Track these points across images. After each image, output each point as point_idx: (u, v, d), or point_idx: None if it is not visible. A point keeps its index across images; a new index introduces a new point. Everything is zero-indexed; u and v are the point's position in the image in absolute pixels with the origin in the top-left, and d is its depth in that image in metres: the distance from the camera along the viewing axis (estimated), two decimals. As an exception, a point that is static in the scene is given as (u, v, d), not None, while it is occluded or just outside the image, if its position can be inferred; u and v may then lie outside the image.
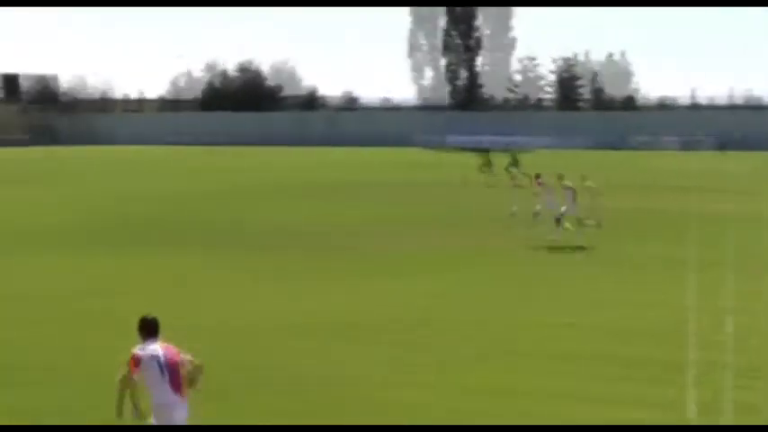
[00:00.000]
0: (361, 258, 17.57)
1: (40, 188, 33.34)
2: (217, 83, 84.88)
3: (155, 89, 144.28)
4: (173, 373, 6.73)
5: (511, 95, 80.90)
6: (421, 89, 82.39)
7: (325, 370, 10.11)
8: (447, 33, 77.54)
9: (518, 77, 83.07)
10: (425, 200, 28.37)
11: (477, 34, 77.31)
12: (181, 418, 6.76)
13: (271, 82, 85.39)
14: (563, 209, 19.01)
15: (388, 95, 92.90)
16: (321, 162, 47.91)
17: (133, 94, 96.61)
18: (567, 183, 19.71)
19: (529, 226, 19.71)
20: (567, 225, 19.01)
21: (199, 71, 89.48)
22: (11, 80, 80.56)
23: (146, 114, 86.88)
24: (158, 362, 6.69)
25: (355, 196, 29.46)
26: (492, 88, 78.53)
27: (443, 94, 78.28)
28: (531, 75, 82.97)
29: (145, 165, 46.79)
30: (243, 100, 79.15)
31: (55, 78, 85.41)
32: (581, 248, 18.14)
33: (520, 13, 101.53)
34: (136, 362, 6.68)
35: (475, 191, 30.61)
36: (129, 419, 6.70)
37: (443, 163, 43.99)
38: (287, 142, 66.41)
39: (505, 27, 79.92)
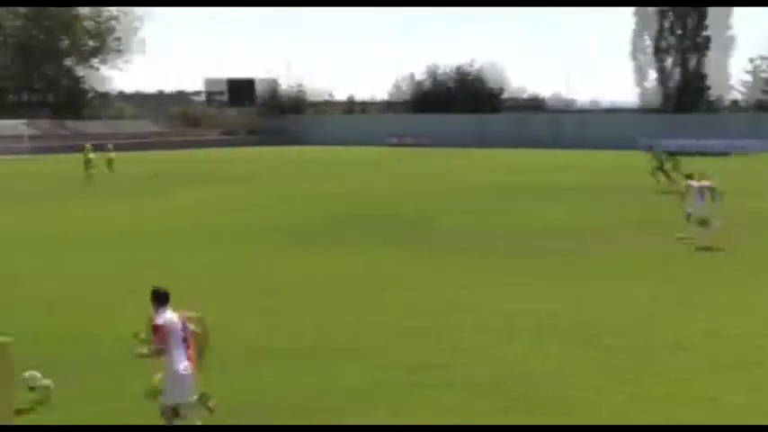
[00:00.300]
0: (576, 260, 17.83)
1: (269, 185, 35.92)
2: (435, 85, 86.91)
3: (377, 92, 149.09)
4: (188, 342, 7.87)
5: (739, 97, 76.87)
6: (643, 92, 79.79)
7: (530, 370, 10.47)
8: (671, 33, 74.68)
9: (747, 78, 78.69)
10: (640, 203, 27.89)
11: (704, 33, 73.87)
12: (192, 384, 7.87)
13: (490, 84, 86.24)
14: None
15: (610, 98, 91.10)
16: (539, 164, 47.85)
17: (357, 97, 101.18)
18: (702, 182, 19.44)
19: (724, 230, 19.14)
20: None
21: (420, 74, 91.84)
22: (246, 84, 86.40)
23: (368, 116, 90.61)
24: (181, 329, 7.85)
25: (572, 198, 29.49)
26: (715, 89, 74.80)
27: (665, 97, 75.41)
28: (763, 75, 78.05)
29: (369, 165, 48.76)
30: (461, 102, 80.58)
31: (274, 82, 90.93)
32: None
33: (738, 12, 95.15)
34: (164, 332, 7.75)
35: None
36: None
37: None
38: (505, 144, 66.84)
39: (725, 26, 75.75)
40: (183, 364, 7.84)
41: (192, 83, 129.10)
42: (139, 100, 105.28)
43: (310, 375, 10.36)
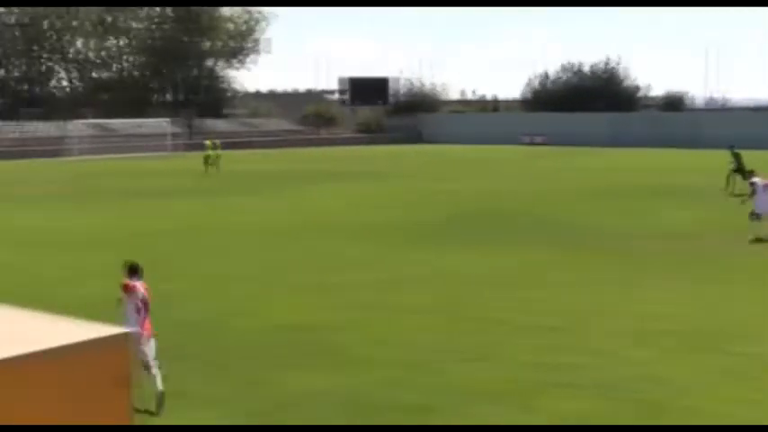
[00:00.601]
0: (713, 264, 17.36)
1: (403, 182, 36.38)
2: (569, 83, 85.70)
3: (511, 91, 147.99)
4: (146, 312, 9.76)
5: None
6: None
7: (661, 376, 10.28)
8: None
9: None
10: None
11: None
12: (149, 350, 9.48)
13: (627, 82, 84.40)
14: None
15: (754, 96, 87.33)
16: (676, 165, 46.48)
17: (490, 96, 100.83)
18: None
19: None
20: None
21: (554, 72, 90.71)
22: (379, 83, 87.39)
23: (500, 114, 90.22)
24: (142, 298, 9.82)
25: (710, 199, 28.57)
26: None
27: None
28: None
29: (501, 163, 48.58)
30: (596, 100, 79.18)
31: (408, 81, 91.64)
32: None
33: None
34: (131, 288, 9.84)
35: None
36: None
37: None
38: (640, 144, 65.19)
39: None
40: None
41: (326, 82, 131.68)
42: (274, 99, 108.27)
43: (440, 373, 10.45)
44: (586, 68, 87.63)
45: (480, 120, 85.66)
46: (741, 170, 29.35)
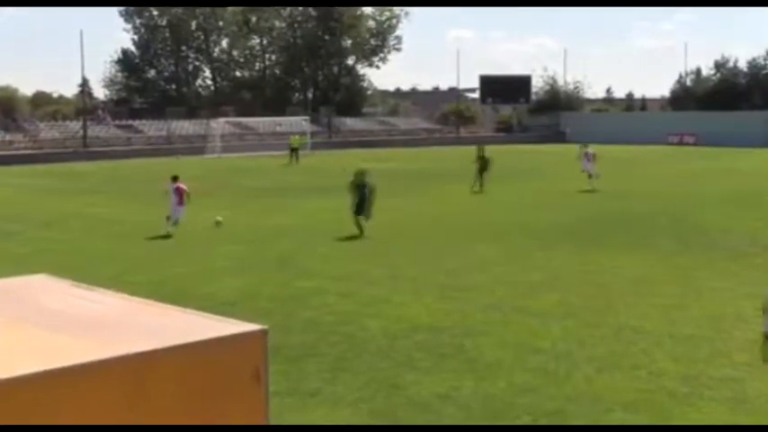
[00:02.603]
0: None
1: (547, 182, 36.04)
2: (722, 81, 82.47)
3: (660, 89, 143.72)
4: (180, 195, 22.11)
5: None
6: None
7: None
8: None
9: None
10: None
11: None
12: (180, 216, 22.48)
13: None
14: None
15: None
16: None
17: (637, 94, 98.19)
18: None
19: None
20: None
21: (707, 69, 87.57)
22: (522, 81, 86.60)
23: (647, 114, 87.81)
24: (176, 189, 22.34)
25: None
26: None
27: None
28: None
29: (646, 164, 47.37)
30: (753, 98, 75.90)
31: (551, 79, 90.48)
32: None
33: None
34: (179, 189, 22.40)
35: None
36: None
37: None
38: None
39: None
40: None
41: (468, 80, 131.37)
42: (413, 97, 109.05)
43: (572, 380, 10.35)
44: (741, 63, 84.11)
45: (626, 119, 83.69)
46: None
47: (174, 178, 23.47)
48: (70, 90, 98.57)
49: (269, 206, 29.15)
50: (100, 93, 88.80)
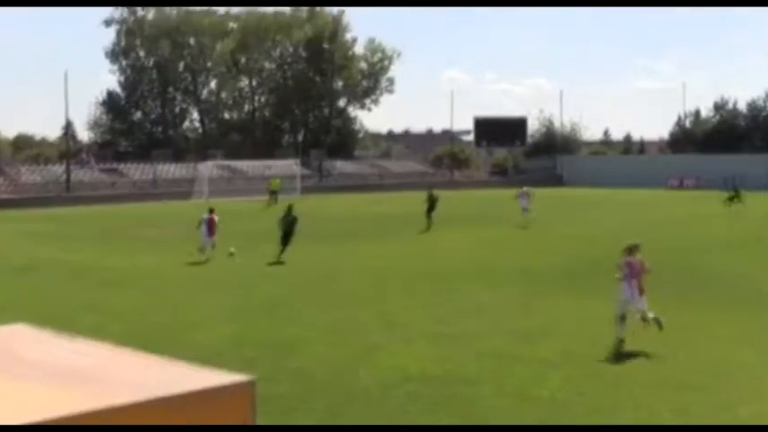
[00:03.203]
0: None
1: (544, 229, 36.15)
2: (722, 122, 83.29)
3: (659, 131, 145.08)
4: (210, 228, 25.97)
5: None
6: None
7: None
8: None
9: None
10: None
11: None
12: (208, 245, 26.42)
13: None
14: None
15: None
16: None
17: (635, 136, 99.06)
18: None
19: None
20: None
21: (706, 110, 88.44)
22: (517, 123, 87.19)
23: (646, 156, 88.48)
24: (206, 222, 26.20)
25: None
26: None
27: None
28: None
29: (643, 207, 47.54)
30: (753, 140, 76.65)
31: (547, 121, 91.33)
32: None
33: None
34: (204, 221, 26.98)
35: None
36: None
37: None
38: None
39: None
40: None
41: (462, 122, 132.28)
42: (406, 139, 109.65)
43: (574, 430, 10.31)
44: (741, 105, 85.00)
45: (624, 162, 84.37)
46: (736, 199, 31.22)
47: (211, 210, 27.87)
48: (53, 133, 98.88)
49: (256, 251, 29.11)
50: (84, 135, 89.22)
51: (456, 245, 30.93)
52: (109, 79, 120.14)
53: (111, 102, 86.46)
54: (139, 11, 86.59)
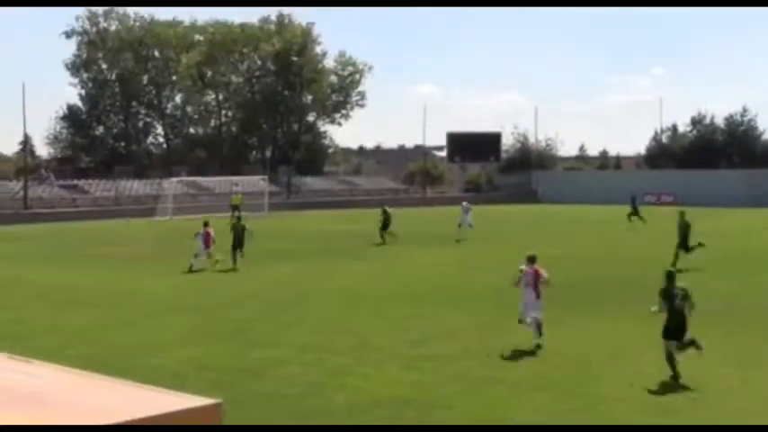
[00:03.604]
0: None
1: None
2: (699, 138, 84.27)
3: (635, 146, 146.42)
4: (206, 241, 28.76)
5: None
6: None
7: None
8: None
9: None
10: None
11: None
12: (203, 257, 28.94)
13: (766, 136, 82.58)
14: None
15: None
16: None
17: (612, 152, 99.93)
18: None
19: None
20: None
21: (684, 125, 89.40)
22: (491, 139, 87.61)
23: (622, 172, 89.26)
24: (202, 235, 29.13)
25: None
26: None
27: None
28: None
29: (618, 225, 47.89)
30: (730, 156, 77.64)
31: (521, 136, 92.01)
32: None
33: None
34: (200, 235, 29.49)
35: None
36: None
37: None
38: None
39: None
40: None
41: (435, 138, 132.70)
42: (378, 155, 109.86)
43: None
44: (719, 120, 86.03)
45: (600, 177, 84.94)
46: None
47: (206, 224, 30.31)
48: (10, 148, 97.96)
49: (220, 273, 28.99)
50: (43, 150, 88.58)
51: (427, 263, 30.97)
52: (69, 93, 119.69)
53: (71, 116, 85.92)
54: (101, 22, 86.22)
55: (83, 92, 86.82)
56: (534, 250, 17.52)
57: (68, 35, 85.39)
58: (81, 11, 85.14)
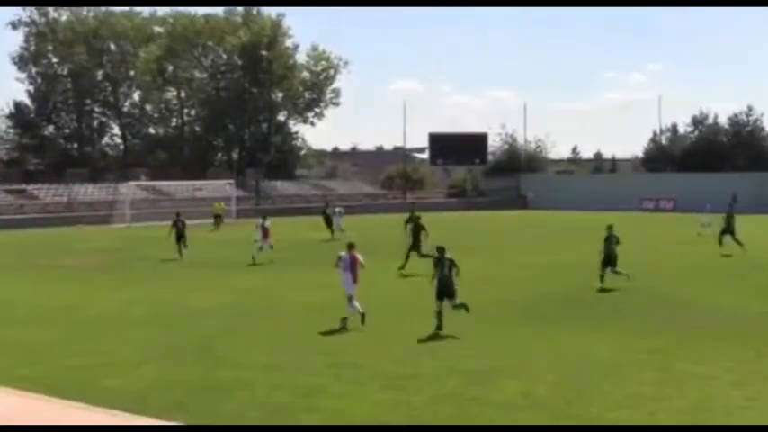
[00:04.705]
0: None
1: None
2: (701, 139, 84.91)
3: (632, 148, 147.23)
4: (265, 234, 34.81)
5: None
6: None
7: None
8: None
9: None
10: None
11: None
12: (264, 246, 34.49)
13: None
14: None
15: None
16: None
17: (606, 154, 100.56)
18: None
19: None
20: None
21: (684, 126, 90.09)
22: (477, 139, 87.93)
23: (618, 175, 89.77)
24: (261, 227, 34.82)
25: None
26: None
27: None
28: None
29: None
30: (735, 158, 78.26)
31: (509, 137, 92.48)
32: None
33: None
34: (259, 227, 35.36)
35: None
36: None
37: None
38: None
39: None
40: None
41: (416, 139, 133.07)
42: (354, 158, 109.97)
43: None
44: (722, 119, 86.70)
45: (595, 182, 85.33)
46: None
47: (264, 217, 36.42)
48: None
49: (186, 283, 28.95)
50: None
51: (406, 275, 31.01)
52: (16, 89, 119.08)
53: (18, 114, 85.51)
54: (51, 11, 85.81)
55: (31, 88, 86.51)
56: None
57: (14, 26, 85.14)
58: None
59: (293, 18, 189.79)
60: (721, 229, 37.95)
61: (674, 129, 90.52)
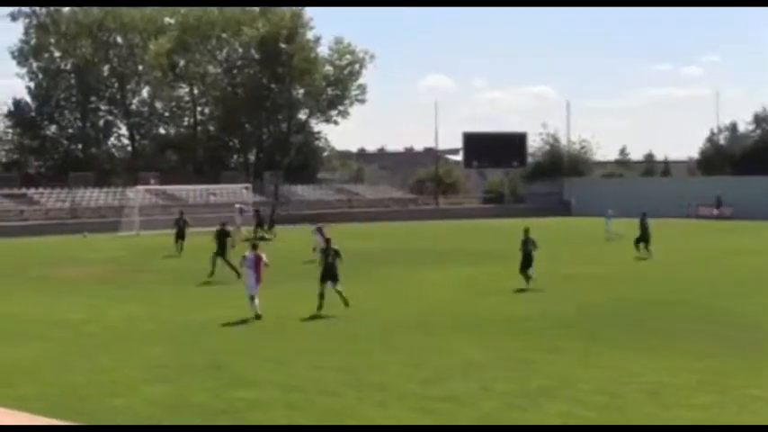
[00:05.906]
0: None
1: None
2: (764, 137, 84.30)
3: (687, 150, 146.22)
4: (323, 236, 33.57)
5: None
6: None
7: None
8: None
9: None
10: None
11: None
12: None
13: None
14: None
15: None
16: None
17: (658, 156, 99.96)
18: None
19: None
20: None
21: (745, 124, 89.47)
22: (516, 140, 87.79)
23: (671, 179, 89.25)
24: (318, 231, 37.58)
25: None
26: None
27: None
28: None
29: (671, 241, 48.00)
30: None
31: (551, 137, 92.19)
32: None
33: None
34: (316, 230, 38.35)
35: None
36: None
37: None
38: None
39: None
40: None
41: (449, 139, 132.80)
42: (382, 159, 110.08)
43: None
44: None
45: (645, 186, 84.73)
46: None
47: (319, 228, 38.72)
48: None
49: (198, 296, 29.08)
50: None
51: (438, 286, 31.04)
52: (16, 85, 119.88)
53: (18, 113, 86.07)
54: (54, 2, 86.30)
55: (32, 84, 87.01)
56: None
57: (14, 17, 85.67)
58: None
59: (314, 8, 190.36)
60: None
61: (733, 127, 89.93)
